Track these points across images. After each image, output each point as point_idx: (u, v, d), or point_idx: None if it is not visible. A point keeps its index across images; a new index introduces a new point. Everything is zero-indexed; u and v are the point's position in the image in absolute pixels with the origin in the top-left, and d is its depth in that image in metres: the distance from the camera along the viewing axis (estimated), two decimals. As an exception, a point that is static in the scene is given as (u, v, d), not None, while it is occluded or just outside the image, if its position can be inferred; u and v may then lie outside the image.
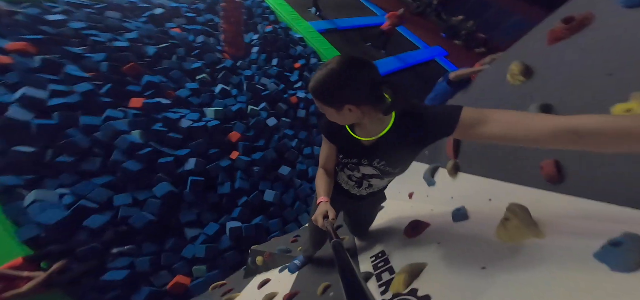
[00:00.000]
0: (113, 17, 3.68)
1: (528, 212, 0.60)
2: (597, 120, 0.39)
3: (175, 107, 2.99)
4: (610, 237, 0.41)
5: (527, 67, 0.86)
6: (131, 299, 1.77)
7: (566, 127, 0.41)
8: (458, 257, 0.68)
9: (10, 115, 1.91)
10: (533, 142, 0.45)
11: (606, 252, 0.41)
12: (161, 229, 2.13)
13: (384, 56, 5.44)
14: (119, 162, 2.17)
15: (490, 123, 0.50)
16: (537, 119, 0.45)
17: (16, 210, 1.65)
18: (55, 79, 2.39)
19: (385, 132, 0.65)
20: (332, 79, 0.57)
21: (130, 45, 3.28)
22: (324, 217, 0.74)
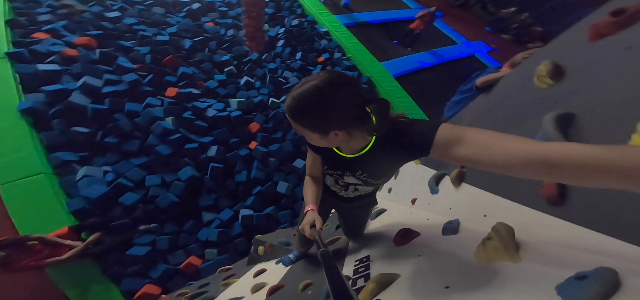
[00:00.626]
0: (158, 12, 3.98)
1: (513, 233, 0.56)
2: (575, 149, 0.32)
3: (204, 97, 3.15)
4: (583, 269, 0.38)
5: (558, 67, 0.73)
6: (149, 274, 1.93)
7: (538, 156, 0.35)
8: (429, 272, 0.65)
9: (73, 100, 2.22)
10: (506, 169, 0.39)
11: (568, 284, 0.38)
12: (182, 211, 2.30)
13: (410, 53, 4.91)
14: (154, 146, 2.38)
15: (466, 144, 0.44)
16: (514, 144, 0.39)
17: (69, 183, 1.93)
18: (109, 69, 2.69)
19: (366, 150, 0.62)
20: (317, 100, 0.49)
21: (170, 39, 3.53)
22: (311, 226, 0.72)
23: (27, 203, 1.69)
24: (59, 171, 1.94)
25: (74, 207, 1.83)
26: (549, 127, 0.59)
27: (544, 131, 0.60)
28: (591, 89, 0.60)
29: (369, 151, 0.63)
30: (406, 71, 4.45)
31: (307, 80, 0.51)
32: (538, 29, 5.91)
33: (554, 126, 0.59)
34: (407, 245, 0.90)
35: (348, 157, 0.68)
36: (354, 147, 0.64)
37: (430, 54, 4.91)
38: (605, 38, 0.65)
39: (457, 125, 0.49)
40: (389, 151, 0.61)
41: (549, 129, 0.59)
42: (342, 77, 0.51)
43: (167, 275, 1.96)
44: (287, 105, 0.53)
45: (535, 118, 0.70)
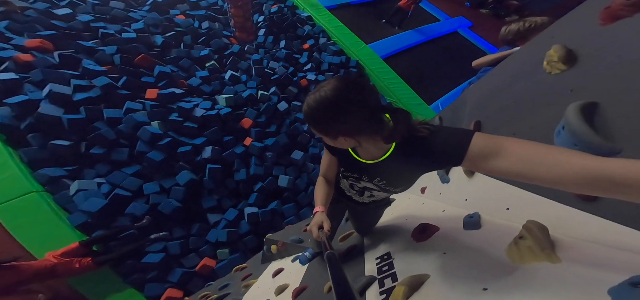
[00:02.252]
0: (117, 7, 3.79)
1: (547, 232, 0.56)
2: (631, 167, 0.32)
3: (188, 96, 3.15)
4: (634, 273, 0.38)
5: (570, 52, 0.72)
6: (168, 279, 2.07)
7: (599, 174, 0.35)
8: (461, 272, 0.66)
9: (42, 111, 2.13)
10: (555, 184, 0.40)
11: (622, 290, 0.37)
12: (187, 215, 2.37)
13: (396, 33, 5.24)
14: (144, 153, 2.38)
15: (505, 156, 0.45)
16: (565, 158, 0.39)
17: (65, 199, 1.93)
18: (75, 74, 2.58)
19: (386, 157, 0.65)
20: (324, 108, 0.55)
21: (137, 36, 3.41)
22: (319, 228, 0.75)
23: (28, 222, 1.70)
24: (50, 188, 1.92)
25: (76, 222, 1.85)
26: (575, 119, 0.57)
27: (568, 122, 0.59)
28: (611, 75, 0.59)
29: (388, 158, 0.65)
30: (394, 51, 4.77)
31: (321, 85, 0.57)
32: (514, 3, 6.57)
33: (579, 118, 0.57)
34: (427, 241, 0.92)
35: (366, 162, 0.70)
36: (371, 153, 0.66)
37: (415, 32, 5.29)
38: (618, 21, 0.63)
39: (492, 135, 0.49)
40: (411, 159, 0.61)
41: (575, 120, 0.57)
42: (355, 84, 0.55)
43: (185, 278, 2.08)
44: (303, 111, 0.60)
45: (549, 106, 0.72)
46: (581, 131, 0.55)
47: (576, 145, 0.56)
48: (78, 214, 1.91)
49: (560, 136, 0.61)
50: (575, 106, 0.60)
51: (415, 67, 4.74)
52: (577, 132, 0.56)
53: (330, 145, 0.74)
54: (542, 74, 0.80)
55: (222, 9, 4.47)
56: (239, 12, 4.03)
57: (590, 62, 0.67)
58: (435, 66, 4.94)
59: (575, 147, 0.56)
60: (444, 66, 4.95)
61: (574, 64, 0.71)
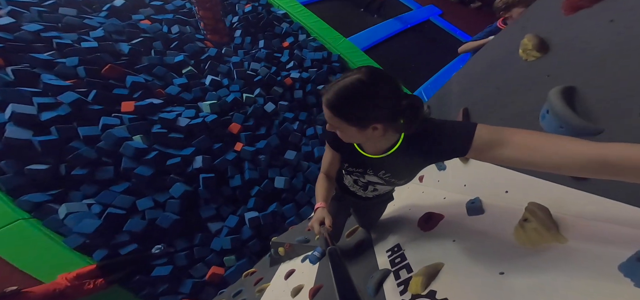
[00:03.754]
0: (69, 14, 3.68)
1: (549, 213, 0.61)
2: (633, 151, 0.38)
3: (168, 106, 3.20)
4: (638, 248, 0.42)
5: (542, 40, 0.81)
6: (179, 291, 2.18)
7: (597, 158, 0.41)
8: (475, 258, 0.72)
9: (9, 135, 2.08)
10: (556, 170, 0.46)
11: (632, 265, 0.42)
12: (187, 226, 2.45)
13: (378, 21, 5.74)
14: (131, 169, 2.41)
15: (509, 146, 0.51)
16: (565, 145, 0.45)
17: (55, 223, 1.93)
18: (36, 91, 2.51)
19: (394, 150, 0.70)
20: (359, 93, 0.57)
21: (99, 45, 3.36)
22: (320, 224, 0.81)
23: (22, 249, 1.72)
24: (36, 214, 1.89)
25: (74, 245, 1.89)
26: (558, 103, 0.64)
27: (553, 107, 0.65)
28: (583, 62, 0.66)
29: (396, 151, 0.70)
30: (373, 43, 5.25)
31: (347, 74, 0.59)
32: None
33: (562, 102, 0.64)
34: (434, 230, 0.98)
35: (372, 157, 0.75)
36: (378, 146, 0.71)
37: (392, 21, 5.85)
38: (580, 11, 0.70)
39: (494, 126, 0.55)
40: (418, 151, 0.67)
41: (558, 104, 0.64)
42: (381, 72, 0.59)
43: (197, 289, 2.19)
44: (327, 99, 0.60)
45: (529, 91, 0.81)
46: (564, 114, 0.63)
47: (561, 127, 0.65)
48: (74, 236, 1.94)
49: (545, 119, 0.70)
50: (557, 90, 0.67)
51: (396, 57, 5.27)
52: (560, 115, 0.63)
53: (334, 142, 0.80)
54: (519, 62, 0.90)
55: (191, 12, 4.53)
56: (208, 15, 4.12)
57: (561, 49, 0.75)
58: (413, 55, 5.52)
59: (560, 130, 0.65)
60: (422, 54, 5.56)
61: (547, 51, 0.80)
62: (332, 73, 4.58)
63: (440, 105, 1.58)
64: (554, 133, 0.63)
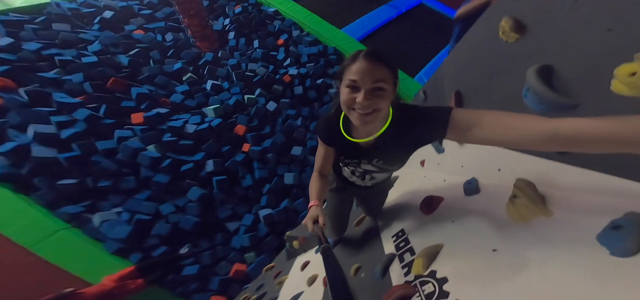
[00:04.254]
0: (64, 29, 3.86)
1: (534, 188, 0.68)
2: (579, 124, 0.45)
3: (174, 114, 3.45)
4: (614, 217, 0.48)
5: (519, 22, 0.88)
6: (208, 288, 2.51)
7: (550, 132, 0.48)
8: (471, 237, 0.79)
9: (36, 155, 2.33)
10: (522, 145, 0.54)
11: (607, 235, 0.47)
12: (207, 227, 2.74)
13: (373, 7, 5.93)
14: (149, 177, 2.68)
15: (480, 127, 0.59)
16: (526, 122, 0.52)
17: (92, 231, 2.25)
18: (51, 110, 2.74)
19: (381, 133, 0.79)
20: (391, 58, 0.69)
21: (99, 59, 3.57)
22: (314, 222, 0.88)
23: (70, 255, 2.04)
24: (76, 223, 2.18)
25: (112, 249, 2.22)
26: (534, 81, 0.71)
27: (531, 85, 0.72)
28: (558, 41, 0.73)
29: (383, 135, 0.79)
30: (368, 31, 5.50)
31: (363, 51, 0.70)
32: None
33: (538, 80, 0.71)
34: (435, 212, 1.07)
35: (363, 143, 0.84)
36: (373, 128, 0.79)
37: (385, 8, 6.09)
38: None
39: (468, 109, 0.65)
40: (403, 136, 0.76)
41: (534, 82, 0.71)
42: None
43: (224, 285, 2.50)
44: (376, 53, 0.68)
45: (512, 71, 0.89)
46: (541, 92, 0.69)
47: (542, 104, 0.72)
48: (111, 242, 2.27)
49: (528, 98, 0.78)
50: (533, 69, 0.73)
51: (392, 44, 5.55)
52: (538, 93, 0.70)
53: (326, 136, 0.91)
54: (500, 43, 0.97)
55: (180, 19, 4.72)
56: (194, 22, 4.28)
57: (538, 29, 0.82)
58: (410, 39, 5.79)
59: (541, 106, 0.72)
60: (418, 38, 5.84)
61: (525, 32, 0.87)
62: (329, 66, 4.84)
63: (435, 90, 1.73)
64: (536, 110, 0.73)
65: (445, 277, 0.75)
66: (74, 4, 4.32)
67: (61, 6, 4.14)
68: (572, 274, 0.50)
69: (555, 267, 0.54)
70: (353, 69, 0.67)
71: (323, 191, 0.99)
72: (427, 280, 0.78)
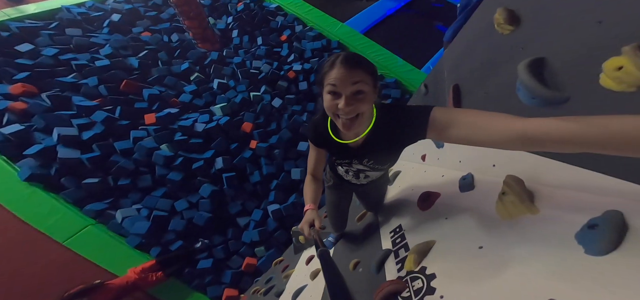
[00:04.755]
0: (76, 34, 4.10)
1: (523, 184, 0.69)
2: (548, 124, 0.46)
3: (184, 113, 3.65)
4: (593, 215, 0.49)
5: (513, 13, 0.90)
6: (222, 281, 2.75)
7: (518, 133, 0.50)
8: (461, 234, 0.81)
9: (62, 156, 2.57)
10: (496, 146, 0.55)
11: (584, 233, 0.48)
12: (219, 223, 2.95)
13: (367, 5, 5.96)
14: (164, 175, 2.90)
15: (456, 126, 0.61)
16: (496, 123, 0.54)
17: (116, 227, 2.48)
18: (72, 113, 2.98)
19: (367, 132, 0.81)
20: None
21: (111, 63, 3.79)
22: (310, 226, 0.89)
23: (97, 249, 2.27)
24: (101, 220, 2.43)
25: (134, 244, 2.45)
26: (525, 76, 0.72)
27: (522, 80, 0.73)
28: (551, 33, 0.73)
29: (369, 135, 0.81)
30: (371, 24, 5.54)
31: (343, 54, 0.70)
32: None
33: (528, 74, 0.72)
34: (431, 208, 1.08)
35: (351, 144, 0.86)
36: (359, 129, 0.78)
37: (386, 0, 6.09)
38: None
39: (449, 108, 0.66)
40: (388, 136, 0.78)
41: (525, 77, 0.72)
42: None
43: (236, 278, 2.73)
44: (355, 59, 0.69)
45: (507, 63, 0.90)
46: (532, 86, 0.70)
47: (534, 98, 0.72)
48: (132, 237, 2.51)
49: (520, 92, 0.79)
50: (524, 63, 0.74)
51: (396, 36, 5.57)
52: (529, 87, 0.71)
53: (316, 139, 0.93)
54: (496, 35, 0.98)
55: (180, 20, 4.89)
56: (194, 24, 4.43)
57: (532, 21, 0.83)
58: (414, 30, 5.80)
59: (533, 101, 0.73)
60: (423, 28, 5.83)
61: (519, 24, 0.87)
62: (333, 61, 4.93)
63: (435, 83, 1.75)
64: (529, 104, 0.73)
65: (433, 274, 0.77)
66: (82, 8, 4.57)
67: (71, 11, 4.38)
68: (548, 273, 0.52)
69: (533, 266, 0.55)
70: (332, 75, 0.68)
71: (318, 194, 1.01)
72: (417, 276, 0.81)
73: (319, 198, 1.01)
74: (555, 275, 0.51)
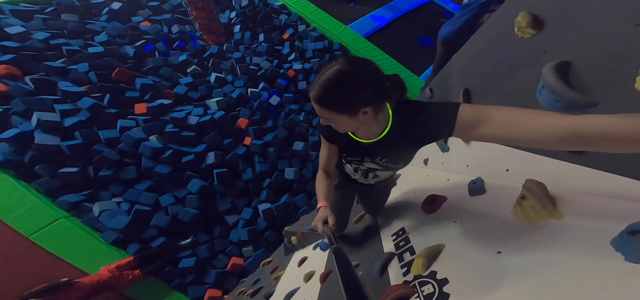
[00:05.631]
0: (72, 20, 3.89)
1: (545, 189, 0.65)
2: (603, 122, 0.42)
3: (177, 105, 3.43)
4: (631, 221, 0.45)
5: (536, 17, 0.85)
6: (205, 281, 2.50)
7: (570, 130, 0.45)
8: (475, 238, 0.77)
9: (39, 142, 2.34)
10: (536, 144, 0.50)
11: (623, 239, 0.44)
12: (206, 220, 2.72)
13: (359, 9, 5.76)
14: (151, 168, 2.67)
15: (490, 124, 0.56)
16: (541, 119, 0.49)
17: (91, 220, 2.24)
18: (56, 98, 2.76)
19: (384, 134, 0.77)
20: (342, 81, 0.63)
21: (105, 50, 3.58)
22: (324, 223, 0.87)
23: (67, 244, 2.01)
24: (75, 213, 2.18)
25: (110, 239, 2.19)
26: (551, 78, 0.68)
27: (546, 82, 0.70)
28: (579, 37, 0.69)
29: (387, 135, 0.76)
30: (375, 28, 5.39)
31: (327, 67, 0.65)
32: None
33: (555, 77, 0.68)
34: (437, 212, 1.04)
35: (366, 142, 0.82)
36: (370, 131, 0.78)
37: (392, 6, 5.94)
38: None
39: (477, 105, 0.60)
40: (407, 134, 0.74)
41: (551, 80, 0.68)
42: (359, 58, 0.67)
43: (220, 278, 2.48)
44: (315, 95, 0.66)
45: (526, 68, 0.87)
46: (558, 89, 0.67)
47: (558, 102, 0.69)
48: (109, 232, 2.26)
49: (542, 95, 0.75)
50: (550, 66, 0.70)
51: (399, 41, 5.42)
52: (555, 90, 0.67)
53: (328, 134, 0.87)
54: (515, 40, 0.94)
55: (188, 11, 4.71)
56: (201, 14, 4.28)
57: (556, 25, 0.79)
58: (417, 37, 5.64)
59: (557, 104, 0.69)
60: (428, 35, 5.67)
61: (542, 28, 0.84)
62: (334, 62, 4.75)
63: (442, 87, 1.69)
64: (551, 108, 0.69)
65: (445, 279, 0.72)
66: (83, -5, 4.38)
67: (71, -4, 4.18)
68: (582, 280, 0.48)
69: (564, 272, 0.51)
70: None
71: (330, 190, 0.97)
72: (426, 280, 0.76)
73: (331, 194, 0.97)
74: (590, 283, 0.46)
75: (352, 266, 0.65)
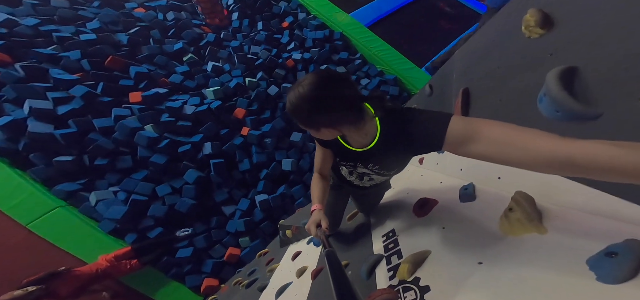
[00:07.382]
0: (62, 5, 3.78)
1: (533, 202, 0.65)
2: (600, 152, 0.40)
3: (173, 94, 3.39)
4: (612, 242, 0.46)
5: (546, 16, 0.81)
6: (202, 271, 2.53)
7: (563, 156, 0.43)
8: (459, 247, 0.77)
9: (32, 130, 2.31)
10: (526, 167, 0.48)
11: (599, 260, 0.45)
12: (203, 210, 2.72)
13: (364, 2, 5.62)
14: (147, 158, 2.66)
15: (479, 141, 0.54)
16: (534, 140, 0.47)
17: (88, 210, 2.24)
18: (48, 86, 2.71)
19: (373, 145, 0.78)
20: (303, 104, 0.65)
21: (98, 37, 3.50)
22: (317, 226, 0.88)
23: (65, 233, 2.01)
24: (72, 202, 2.18)
25: (107, 229, 2.20)
26: (554, 87, 0.65)
27: (549, 89, 0.67)
28: (589, 39, 0.65)
29: (377, 144, 0.77)
30: (377, 17, 5.26)
31: (300, 81, 0.67)
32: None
33: (558, 85, 0.65)
34: (428, 216, 1.04)
35: (357, 150, 0.83)
36: (359, 141, 0.79)
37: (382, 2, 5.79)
38: None
39: (470, 118, 0.58)
40: (398, 145, 0.74)
41: (554, 88, 0.65)
42: (331, 78, 0.67)
43: (217, 268, 2.51)
44: (288, 109, 0.69)
45: (531, 70, 0.84)
46: (561, 99, 0.64)
47: (558, 112, 0.66)
48: (106, 221, 2.27)
49: (542, 103, 0.72)
50: (554, 73, 0.67)
51: (401, 32, 5.30)
52: (557, 99, 0.65)
53: (320, 139, 0.87)
54: (522, 39, 0.89)
55: (183, -3, 4.59)
56: None
57: (567, 25, 0.74)
58: (420, 28, 5.53)
59: (557, 114, 0.67)
60: (430, 27, 5.56)
61: (552, 27, 0.79)
62: (334, 52, 4.67)
63: (442, 84, 1.65)
64: (551, 117, 0.67)
65: (427, 286, 0.72)
66: (74, -20, 4.25)
67: (60, -19, 4.05)
68: (553, 297, 0.48)
69: (537, 289, 0.51)
70: None
71: (325, 194, 0.98)
72: (410, 286, 0.77)
73: (326, 197, 0.99)
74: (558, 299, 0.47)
75: (344, 270, 0.66)
